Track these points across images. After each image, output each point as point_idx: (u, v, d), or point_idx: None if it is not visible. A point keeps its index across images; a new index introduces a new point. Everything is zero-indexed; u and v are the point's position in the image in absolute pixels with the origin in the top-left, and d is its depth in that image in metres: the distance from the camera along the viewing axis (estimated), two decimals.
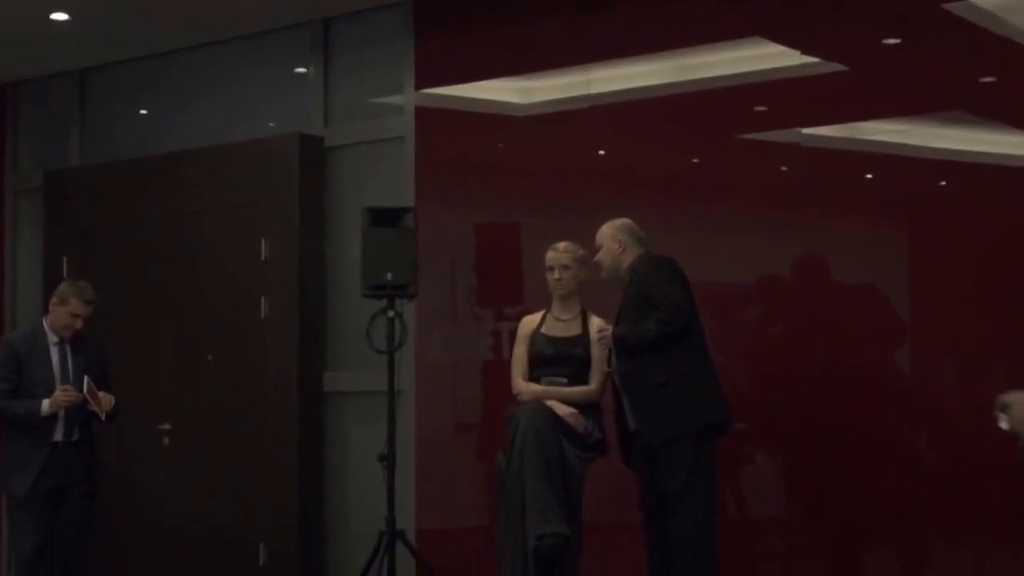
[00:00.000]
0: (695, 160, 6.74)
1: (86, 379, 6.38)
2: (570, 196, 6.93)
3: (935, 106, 6.08)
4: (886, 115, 6.18)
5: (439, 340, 7.40)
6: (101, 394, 6.39)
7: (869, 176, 6.25)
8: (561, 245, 5.79)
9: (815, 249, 6.25)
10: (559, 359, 5.66)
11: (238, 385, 7.87)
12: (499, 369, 5.85)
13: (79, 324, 6.53)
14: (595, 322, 5.71)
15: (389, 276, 6.59)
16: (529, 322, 5.82)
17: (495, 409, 5.75)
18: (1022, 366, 5.64)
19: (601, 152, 7.02)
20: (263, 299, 7.78)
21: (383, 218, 6.68)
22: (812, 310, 6.29)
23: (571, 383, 5.63)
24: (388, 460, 6.56)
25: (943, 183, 6.10)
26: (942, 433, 6.00)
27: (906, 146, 6.12)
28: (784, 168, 6.49)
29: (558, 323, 5.73)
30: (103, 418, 6.41)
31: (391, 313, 6.62)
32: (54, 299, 6.57)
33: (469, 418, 7.34)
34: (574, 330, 5.71)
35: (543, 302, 6.05)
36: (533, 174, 7.14)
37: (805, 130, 6.35)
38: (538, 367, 5.68)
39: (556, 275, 5.70)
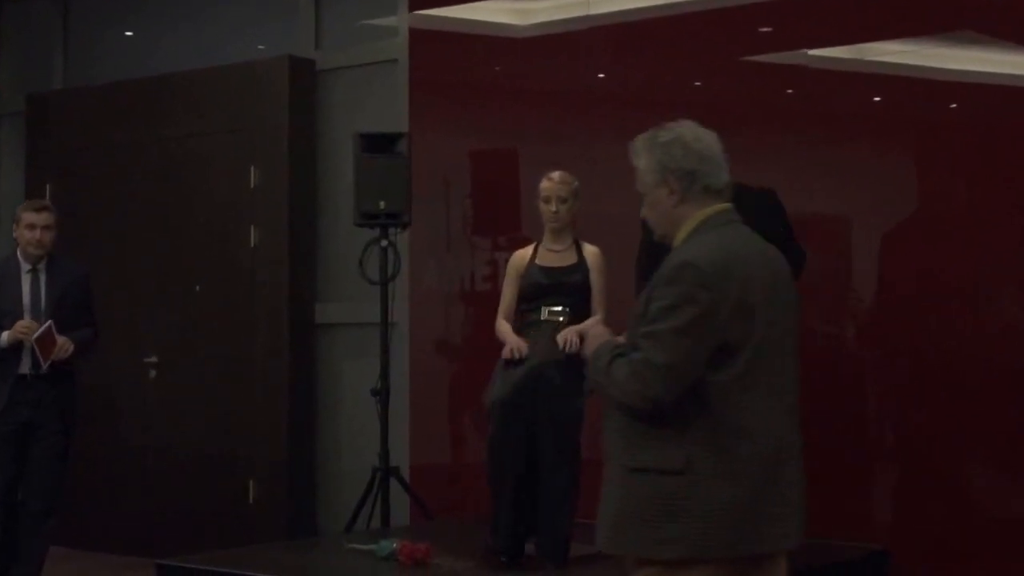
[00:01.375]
0: (698, 83, 6.75)
1: (50, 323, 6.33)
2: (570, 122, 6.92)
3: (944, 25, 6.10)
4: (894, 35, 6.20)
5: (434, 270, 7.46)
6: (60, 340, 6.32)
7: (877, 99, 6.28)
8: (556, 175, 5.66)
9: (821, 172, 6.27)
10: (556, 288, 5.57)
11: (227, 317, 7.97)
12: (495, 300, 5.84)
13: (43, 237, 6.43)
14: (589, 249, 5.67)
15: (382, 204, 6.68)
16: (520, 257, 5.72)
17: (492, 341, 5.75)
18: None
19: (601, 75, 7.00)
20: (252, 228, 7.89)
21: (376, 144, 6.75)
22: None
23: (572, 314, 5.53)
24: (381, 394, 6.68)
25: (953, 105, 6.11)
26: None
27: (915, 67, 6.15)
28: (790, 91, 6.52)
29: (551, 254, 5.64)
30: (44, 367, 6.29)
31: (384, 242, 6.73)
32: (13, 225, 6.54)
33: (465, 351, 7.38)
34: (569, 259, 5.62)
35: (541, 231, 5.95)
36: (531, 99, 7.16)
37: (811, 51, 6.36)
38: (534, 299, 5.59)
39: (553, 207, 5.60)
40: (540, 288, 5.60)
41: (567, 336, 5.34)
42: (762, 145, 6.27)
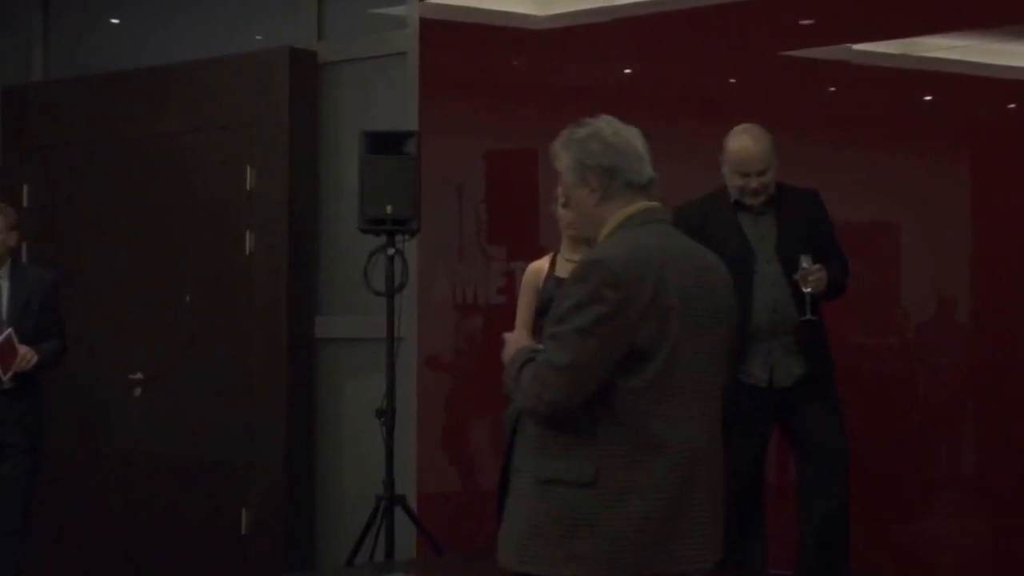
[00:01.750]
0: (732, 80, 6.63)
1: (10, 332, 6.29)
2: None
3: (1003, 18, 5.98)
4: (947, 29, 6.10)
5: (444, 281, 7.39)
6: (22, 350, 6.29)
7: (928, 98, 6.19)
8: None
9: (864, 179, 6.17)
10: None
11: (219, 330, 7.85)
12: (511, 314, 5.78)
13: (4, 240, 6.43)
14: None
15: (389, 209, 6.61)
16: (536, 270, 5.50)
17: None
18: None
19: (628, 71, 6.89)
20: (248, 233, 7.78)
21: (383, 144, 6.69)
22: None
23: None
24: (386, 416, 6.60)
25: (1012, 105, 6.00)
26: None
27: (970, 64, 6.03)
28: (832, 89, 6.41)
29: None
30: (4, 380, 6.29)
31: (391, 251, 6.66)
32: None
33: (478, 369, 7.28)
34: None
35: (557, 233, 5.88)
36: (551, 96, 7.04)
37: (856, 46, 6.26)
38: None
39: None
40: None
41: None
42: (801, 147, 6.15)
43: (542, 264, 5.49)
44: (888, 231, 6.30)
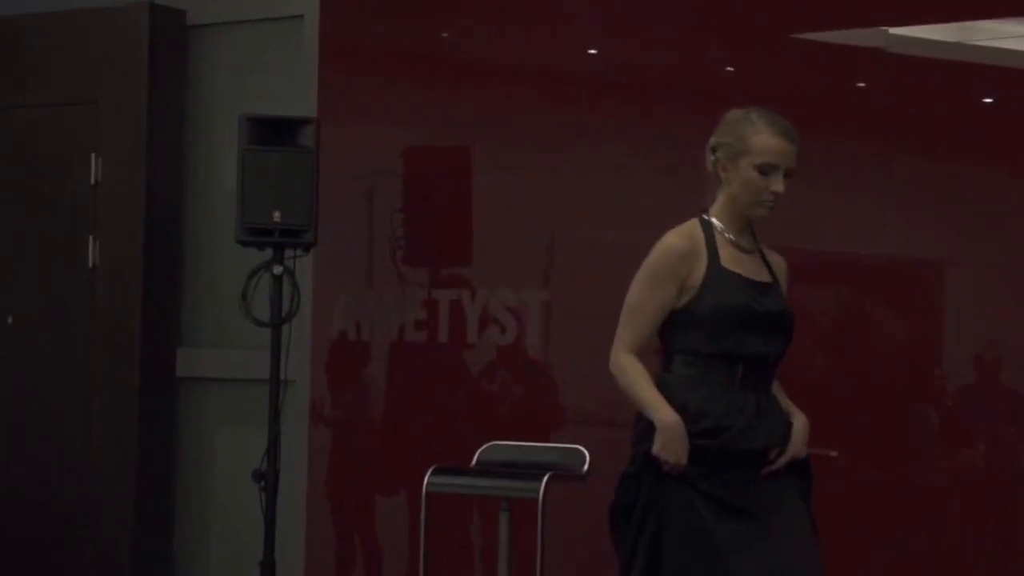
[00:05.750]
0: (730, 68, 6.35)
1: None
2: (546, 111, 6.61)
3: None
4: (1012, 11, 5.77)
5: (347, 309, 7.03)
6: None
7: (988, 100, 5.85)
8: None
9: (905, 197, 5.89)
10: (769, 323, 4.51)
11: (52, 363, 7.53)
12: (432, 354, 5.86)
13: None
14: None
15: (277, 216, 6.38)
16: (683, 254, 4.48)
17: (429, 409, 5.81)
18: None
19: (592, 51, 6.65)
20: (92, 240, 7.45)
21: (270, 132, 6.48)
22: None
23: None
24: (268, 479, 6.36)
25: None
26: None
27: None
28: (862, 84, 6.08)
29: (751, 258, 4.54)
30: None
31: (278, 269, 6.43)
32: None
33: (386, 423, 7.02)
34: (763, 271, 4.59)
35: (498, 255, 6.05)
36: (493, 80, 6.88)
37: (894, 30, 5.96)
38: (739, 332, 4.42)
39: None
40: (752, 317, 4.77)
41: None
42: (819, 156, 5.56)
43: (691, 245, 4.45)
44: (930, 266, 6.06)
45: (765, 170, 4.37)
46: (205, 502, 7.42)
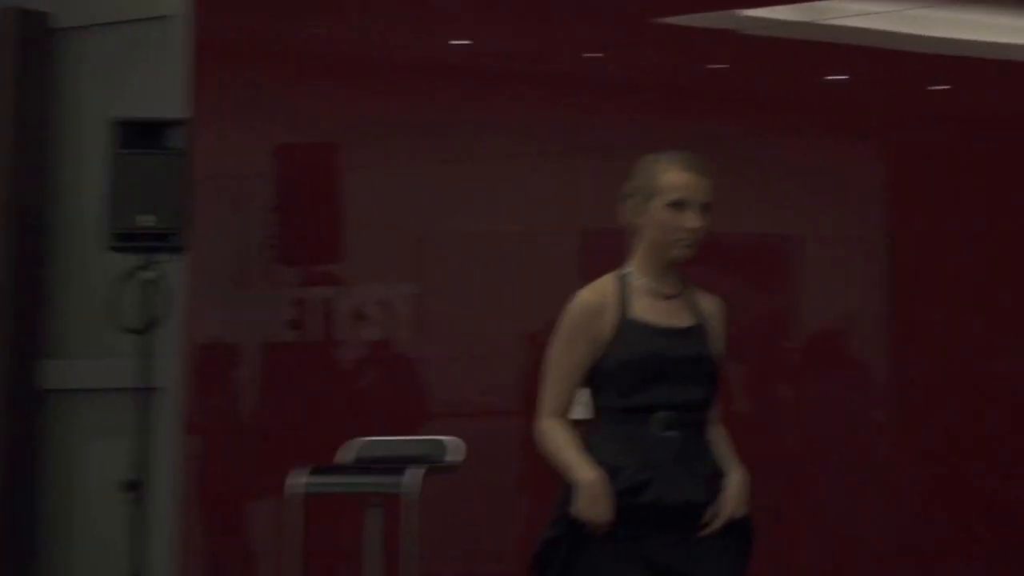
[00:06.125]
0: (593, 54, 6.43)
1: None
2: (417, 106, 6.62)
3: None
4: None
5: (218, 315, 7.03)
6: None
7: (842, 77, 5.97)
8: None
9: (759, 176, 5.94)
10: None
11: None
12: (306, 356, 5.88)
13: None
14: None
15: (147, 220, 6.35)
16: (595, 310, 4.33)
17: (302, 408, 5.81)
18: None
19: (464, 41, 6.71)
20: None
21: (139, 135, 6.46)
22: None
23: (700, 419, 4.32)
24: (136, 490, 6.35)
25: (940, 87, 5.82)
26: None
27: (893, 35, 5.86)
28: (717, 66, 6.23)
29: (667, 304, 4.32)
30: None
31: (148, 274, 6.44)
32: None
33: (260, 430, 6.93)
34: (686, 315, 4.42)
35: (369, 250, 6.08)
36: (364, 74, 6.92)
37: (747, 11, 6.05)
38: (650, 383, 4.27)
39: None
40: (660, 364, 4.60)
41: None
42: (679, 136, 5.77)
43: (601, 300, 4.28)
44: (784, 242, 6.09)
45: (677, 206, 4.17)
46: (72, 516, 7.29)
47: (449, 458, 5.50)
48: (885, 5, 5.94)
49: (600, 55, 6.64)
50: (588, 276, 4.30)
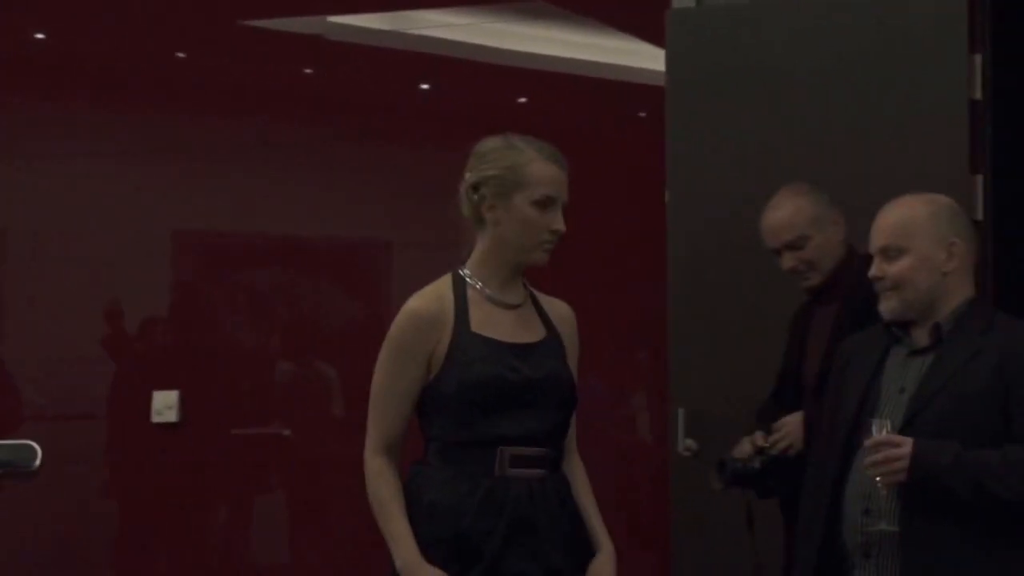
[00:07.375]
0: (182, 54, 6.29)
1: None
2: None
3: None
4: (441, 2, 6.06)
5: None
6: None
7: (424, 86, 6.11)
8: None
9: (346, 181, 6.03)
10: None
11: None
12: None
13: None
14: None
15: None
16: (430, 320, 3.56)
17: None
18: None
19: (40, 36, 6.35)
20: None
21: None
22: None
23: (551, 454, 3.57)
24: None
25: (522, 99, 6.04)
26: None
27: (470, 46, 6.03)
28: (308, 71, 6.21)
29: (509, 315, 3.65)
30: None
31: None
32: None
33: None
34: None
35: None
36: None
37: (333, 18, 6.10)
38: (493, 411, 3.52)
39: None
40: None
41: None
42: (266, 140, 6.03)
43: (433, 309, 3.55)
44: (380, 249, 6.21)
45: (544, 204, 3.52)
46: None
47: (35, 463, 5.25)
48: (465, 18, 6.05)
49: (183, 56, 6.40)
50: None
